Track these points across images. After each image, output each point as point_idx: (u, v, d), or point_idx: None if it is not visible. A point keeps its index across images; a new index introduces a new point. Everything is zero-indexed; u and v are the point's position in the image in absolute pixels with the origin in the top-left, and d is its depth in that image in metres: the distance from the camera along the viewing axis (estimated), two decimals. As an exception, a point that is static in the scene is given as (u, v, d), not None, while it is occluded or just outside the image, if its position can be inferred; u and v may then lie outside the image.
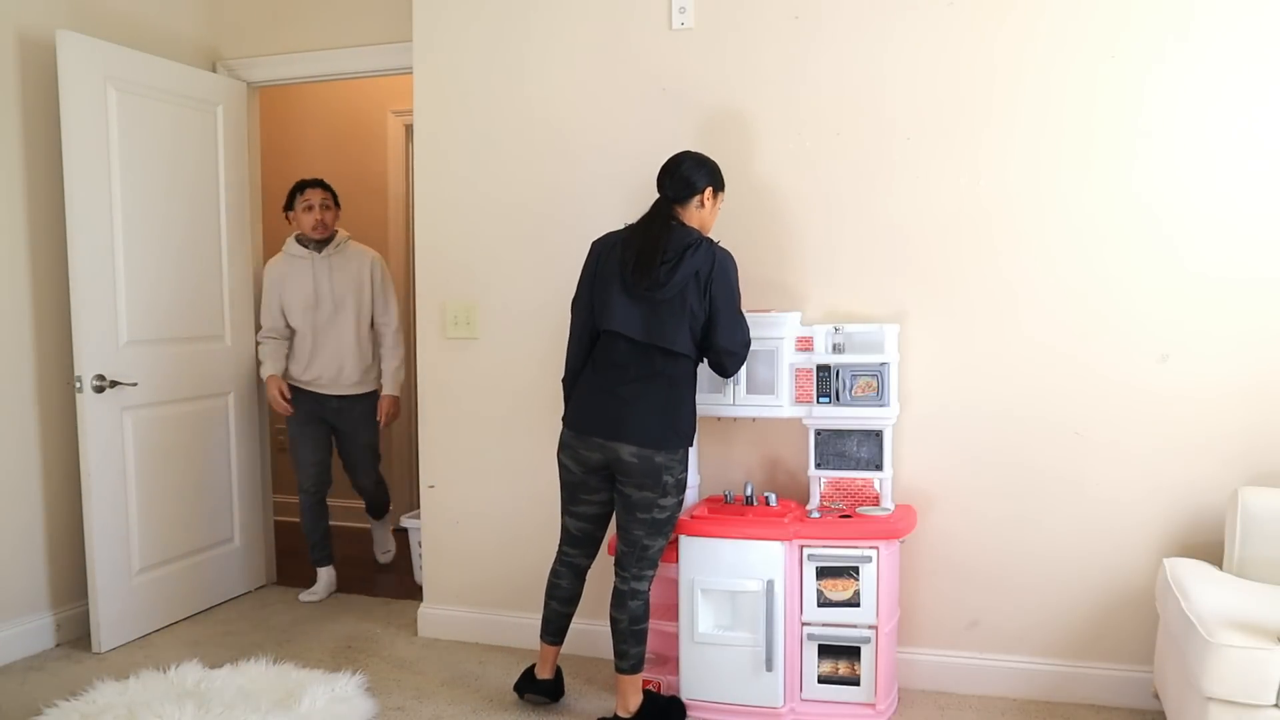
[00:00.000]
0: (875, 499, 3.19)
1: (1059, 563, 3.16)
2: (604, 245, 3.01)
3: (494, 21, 3.64)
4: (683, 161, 2.98)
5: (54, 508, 3.75)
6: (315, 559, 4.36)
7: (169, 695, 3.02)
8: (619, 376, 2.91)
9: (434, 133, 3.74)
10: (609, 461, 2.92)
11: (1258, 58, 2.93)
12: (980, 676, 3.25)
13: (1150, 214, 3.04)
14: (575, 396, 3.02)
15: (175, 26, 4.21)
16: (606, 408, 2.91)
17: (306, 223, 4.22)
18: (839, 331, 3.15)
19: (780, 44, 3.33)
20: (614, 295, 2.92)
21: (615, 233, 3.02)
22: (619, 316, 2.91)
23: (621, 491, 2.95)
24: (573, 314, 3.06)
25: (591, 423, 2.93)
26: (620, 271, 2.92)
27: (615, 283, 2.92)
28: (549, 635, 3.16)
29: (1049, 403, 3.14)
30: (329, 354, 4.25)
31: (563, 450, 3.03)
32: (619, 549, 3.00)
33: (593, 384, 2.96)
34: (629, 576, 2.97)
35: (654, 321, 2.88)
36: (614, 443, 2.89)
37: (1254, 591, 2.66)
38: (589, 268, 3.02)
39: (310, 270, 4.22)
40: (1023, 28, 3.11)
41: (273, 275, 4.27)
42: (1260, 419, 2.98)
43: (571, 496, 3.07)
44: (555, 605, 3.15)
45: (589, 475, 3.00)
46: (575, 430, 2.97)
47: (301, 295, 4.22)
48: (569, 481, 3.05)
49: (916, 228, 3.23)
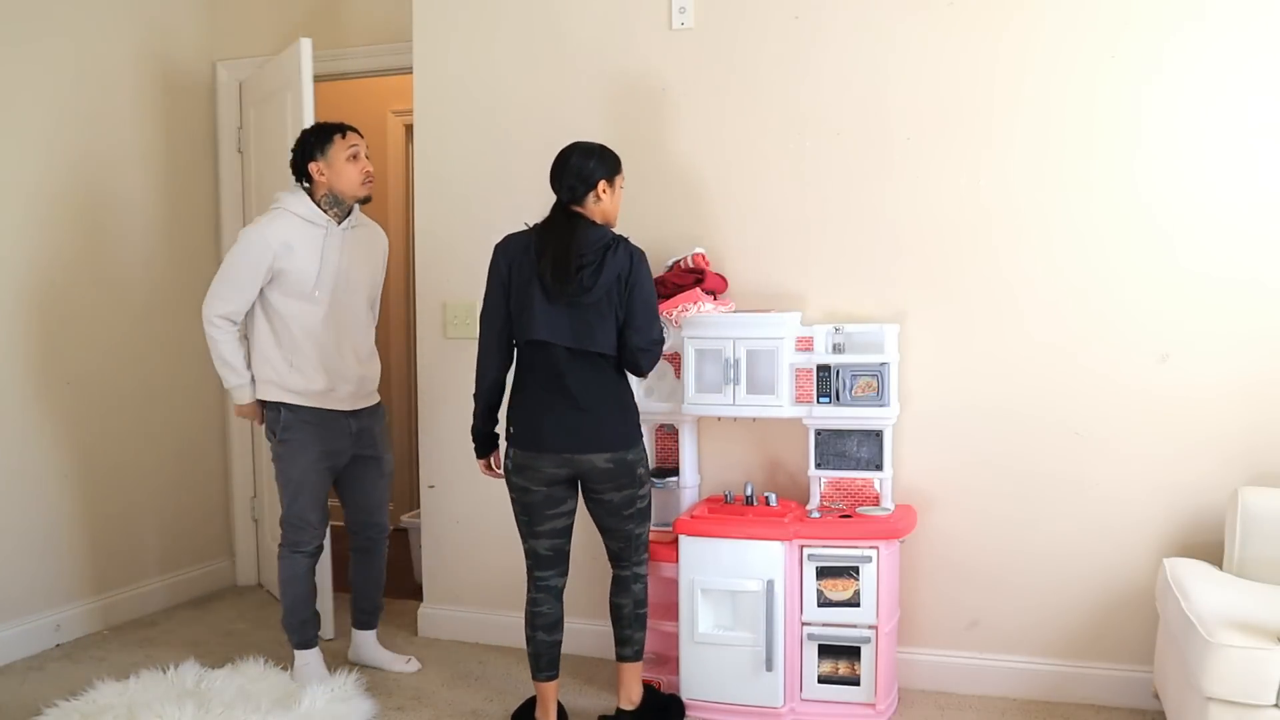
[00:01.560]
0: (875, 499, 3.19)
1: (1059, 563, 3.16)
2: (510, 251, 2.84)
3: (494, 21, 3.64)
4: (570, 157, 2.84)
5: (54, 508, 3.76)
6: (307, 638, 3.33)
7: (169, 695, 3.02)
8: (564, 387, 2.79)
9: (434, 133, 3.74)
10: (579, 473, 2.84)
11: (1258, 58, 2.93)
12: (980, 676, 3.25)
13: (1150, 214, 3.04)
14: (520, 415, 2.86)
15: (175, 26, 4.21)
16: (565, 421, 2.80)
17: (354, 176, 3.22)
18: (839, 331, 3.15)
19: (780, 44, 3.33)
20: (535, 304, 2.77)
21: (517, 235, 2.87)
22: (545, 325, 2.77)
23: (599, 498, 2.89)
24: (483, 324, 2.88)
25: (554, 440, 2.81)
26: (538, 279, 2.77)
27: (534, 290, 2.77)
28: (544, 672, 2.94)
29: (1049, 402, 3.14)
30: (348, 356, 3.29)
31: (517, 474, 2.86)
32: (612, 546, 2.97)
33: (538, 399, 2.83)
34: (628, 564, 2.97)
35: (582, 327, 2.78)
36: (585, 455, 2.81)
37: (1254, 591, 2.66)
38: (499, 276, 2.84)
39: (326, 243, 3.22)
40: (1023, 28, 3.11)
41: (267, 239, 3.13)
42: (1260, 419, 2.98)
43: (535, 517, 2.89)
44: (542, 636, 2.92)
45: (553, 489, 2.86)
46: (535, 449, 2.82)
47: (315, 276, 3.20)
48: (530, 503, 2.87)
49: (917, 228, 3.23)
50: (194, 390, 4.32)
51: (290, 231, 3.16)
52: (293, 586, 3.29)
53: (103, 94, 3.90)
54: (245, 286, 3.14)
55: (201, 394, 4.36)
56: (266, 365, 3.20)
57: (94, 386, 3.89)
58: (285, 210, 3.20)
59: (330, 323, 3.23)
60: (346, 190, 3.22)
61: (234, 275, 3.15)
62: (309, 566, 3.31)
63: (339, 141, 3.20)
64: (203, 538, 4.41)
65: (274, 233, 3.14)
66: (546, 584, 2.95)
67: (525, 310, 2.80)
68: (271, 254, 3.12)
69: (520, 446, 2.86)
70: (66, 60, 3.76)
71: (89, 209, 3.86)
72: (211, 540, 4.46)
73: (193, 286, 4.29)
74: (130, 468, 4.05)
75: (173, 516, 4.25)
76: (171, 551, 4.25)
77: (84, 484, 3.86)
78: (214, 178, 4.41)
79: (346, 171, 3.20)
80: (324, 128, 3.24)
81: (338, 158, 3.19)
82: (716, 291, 3.31)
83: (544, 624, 2.94)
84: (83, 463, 3.86)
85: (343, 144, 3.20)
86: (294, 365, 3.20)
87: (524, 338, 2.82)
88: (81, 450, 3.85)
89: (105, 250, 3.93)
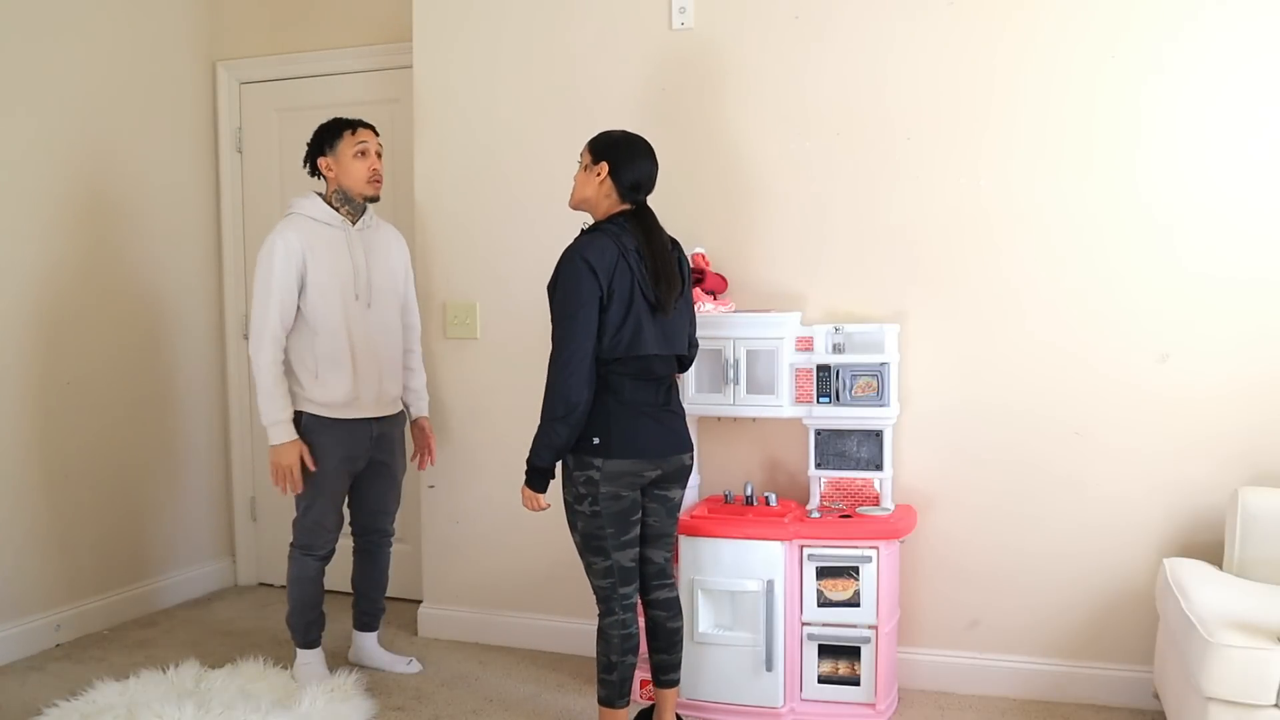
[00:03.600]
0: (875, 499, 3.19)
1: (1059, 563, 3.16)
2: (605, 261, 2.63)
3: (493, 22, 3.64)
4: (650, 152, 2.78)
5: (54, 508, 3.76)
6: (311, 639, 3.32)
7: (169, 695, 3.02)
8: (659, 392, 2.76)
9: (434, 133, 3.74)
10: (664, 474, 2.77)
11: (1257, 58, 2.93)
12: (980, 676, 3.25)
13: (1150, 213, 3.04)
14: (611, 424, 2.67)
15: (175, 26, 4.21)
16: (662, 425, 2.76)
17: (360, 174, 3.17)
18: (839, 331, 3.15)
19: (780, 44, 3.33)
20: (643, 316, 2.66)
21: (600, 242, 2.67)
22: (652, 338, 2.68)
23: (665, 496, 2.82)
24: (575, 339, 2.61)
25: (654, 445, 2.72)
26: (639, 288, 2.65)
27: (639, 301, 2.65)
28: (626, 698, 2.78)
29: (1049, 402, 3.14)
30: (369, 363, 3.21)
31: (611, 482, 2.67)
32: (659, 559, 2.86)
33: (633, 407, 2.70)
34: (672, 582, 2.90)
35: (673, 332, 2.75)
36: (676, 455, 2.79)
37: (1254, 591, 2.66)
38: (593, 290, 2.61)
39: (345, 245, 3.18)
40: (1023, 28, 3.11)
41: (290, 244, 3.07)
42: (1260, 419, 2.98)
43: (622, 526, 2.72)
44: (630, 660, 2.76)
45: (638, 492, 2.77)
46: (633, 456, 2.68)
47: (337, 279, 3.13)
48: (619, 510, 2.70)
49: (916, 228, 3.23)
50: (194, 390, 4.32)
51: (309, 236, 3.12)
52: (301, 587, 3.26)
53: (102, 94, 3.90)
54: (284, 298, 3.08)
55: (202, 394, 4.36)
56: (290, 376, 3.16)
57: (94, 386, 3.89)
58: (298, 215, 3.17)
59: (347, 327, 3.17)
60: (353, 187, 3.18)
61: (268, 292, 3.06)
62: (320, 569, 3.29)
63: (348, 137, 3.18)
64: (203, 538, 4.41)
65: (294, 238, 3.10)
66: (630, 601, 2.77)
67: (630, 323, 2.65)
68: (300, 257, 3.08)
69: (615, 455, 2.67)
70: (66, 61, 3.76)
71: (89, 209, 3.86)
72: (211, 540, 4.46)
73: (192, 286, 4.31)
74: (130, 468, 4.05)
75: (173, 516, 4.25)
76: (171, 551, 4.25)
77: (84, 484, 3.86)
78: (214, 178, 4.40)
79: (353, 168, 3.17)
80: (336, 123, 3.22)
81: (345, 153, 3.17)
82: (716, 291, 3.31)
83: (632, 646, 2.76)
84: (83, 463, 3.85)
85: (351, 140, 3.17)
86: (319, 376, 3.14)
87: (631, 352, 2.66)
88: (82, 450, 3.85)
89: (104, 250, 3.93)
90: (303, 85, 4.26)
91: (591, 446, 2.68)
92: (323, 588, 3.32)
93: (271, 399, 3.08)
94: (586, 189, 2.77)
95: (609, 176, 2.73)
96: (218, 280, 4.43)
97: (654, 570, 2.86)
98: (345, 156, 3.17)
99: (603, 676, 2.77)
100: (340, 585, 3.57)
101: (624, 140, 2.77)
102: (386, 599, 3.58)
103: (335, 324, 3.14)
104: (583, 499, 2.70)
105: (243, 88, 4.39)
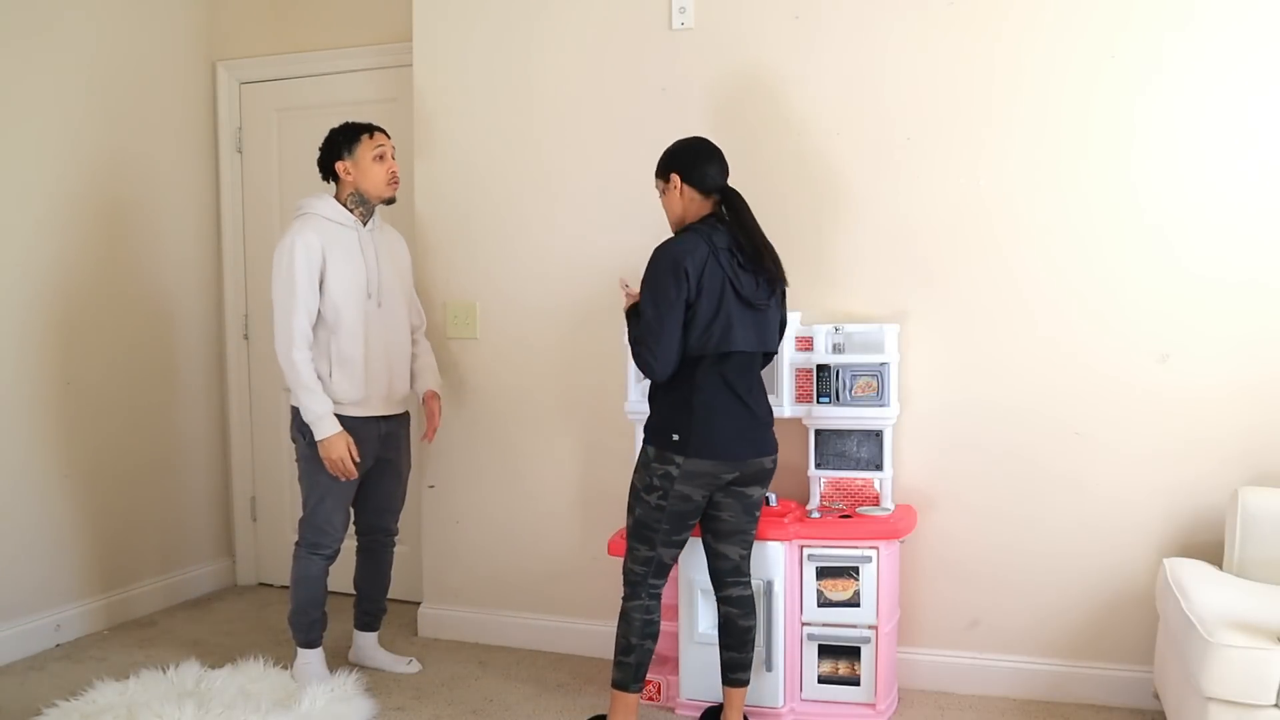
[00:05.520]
0: (875, 499, 3.19)
1: (1059, 563, 3.16)
2: (697, 258, 2.67)
3: (493, 22, 3.64)
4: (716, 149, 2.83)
5: (54, 508, 3.76)
6: (313, 638, 3.32)
7: (169, 695, 3.02)
8: (743, 392, 2.76)
9: (433, 132, 3.74)
10: (741, 476, 2.78)
11: (1256, 57, 2.93)
12: (980, 676, 3.25)
13: (1149, 214, 3.04)
14: (694, 422, 2.70)
15: (175, 26, 4.21)
16: (744, 427, 2.76)
17: (380, 177, 3.21)
18: (839, 331, 3.15)
19: (780, 44, 3.33)
20: (734, 314, 2.69)
21: (691, 238, 2.72)
22: (742, 335, 2.71)
23: (744, 494, 2.81)
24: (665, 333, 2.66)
25: (734, 448, 2.74)
26: (732, 284, 2.69)
27: (730, 297, 2.69)
28: (639, 682, 2.85)
29: (1049, 403, 3.14)
30: (380, 361, 3.25)
31: (688, 481, 2.71)
32: (736, 557, 2.86)
33: (718, 407, 2.72)
34: (747, 580, 2.90)
35: (764, 329, 2.78)
36: (759, 458, 2.79)
37: (1254, 591, 2.66)
38: (683, 287, 2.66)
39: (358, 245, 3.22)
40: (1023, 28, 3.11)
41: (309, 243, 3.11)
42: (1260, 419, 2.98)
43: (679, 526, 2.78)
44: (650, 645, 2.85)
45: (707, 496, 2.79)
46: (712, 457, 2.71)
47: (353, 279, 3.18)
48: (683, 511, 2.75)
49: (916, 228, 3.23)
50: (194, 389, 4.33)
51: (325, 236, 3.15)
52: (305, 586, 3.26)
53: (102, 94, 3.90)
54: (307, 297, 3.09)
55: (202, 393, 4.36)
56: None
57: (94, 386, 3.89)
58: (312, 215, 3.18)
59: (362, 325, 3.19)
60: (372, 190, 3.21)
61: (292, 292, 3.08)
62: (325, 568, 3.29)
63: (366, 141, 3.20)
64: (203, 538, 4.41)
65: (313, 238, 3.12)
66: (657, 591, 2.84)
67: (721, 319, 2.68)
68: (320, 257, 3.11)
69: (695, 455, 2.70)
70: (66, 61, 3.76)
71: (88, 209, 3.86)
72: (211, 540, 4.46)
73: (192, 286, 4.31)
74: (130, 468, 4.05)
75: (173, 516, 4.25)
76: (171, 551, 4.25)
77: (84, 484, 3.86)
78: (214, 178, 4.41)
79: (373, 171, 3.20)
80: (351, 127, 3.24)
81: (364, 157, 3.19)
82: (716, 291, 3.30)
83: (652, 632, 2.85)
84: (83, 463, 3.85)
85: (370, 144, 3.20)
86: (333, 375, 3.16)
87: (722, 349, 2.70)
88: (82, 450, 3.85)
89: (104, 250, 3.93)
90: (303, 85, 4.27)
91: (671, 442, 2.71)
92: (326, 587, 3.31)
93: (312, 394, 3.10)
94: (674, 207, 2.84)
95: (684, 184, 2.80)
96: (218, 280, 4.43)
97: (729, 567, 2.87)
98: (365, 160, 3.19)
99: (620, 659, 2.81)
100: (340, 585, 3.57)
101: (678, 147, 2.85)
102: (387, 599, 3.59)
103: (353, 323, 3.16)
104: (653, 490, 2.75)
105: (243, 88, 4.39)
